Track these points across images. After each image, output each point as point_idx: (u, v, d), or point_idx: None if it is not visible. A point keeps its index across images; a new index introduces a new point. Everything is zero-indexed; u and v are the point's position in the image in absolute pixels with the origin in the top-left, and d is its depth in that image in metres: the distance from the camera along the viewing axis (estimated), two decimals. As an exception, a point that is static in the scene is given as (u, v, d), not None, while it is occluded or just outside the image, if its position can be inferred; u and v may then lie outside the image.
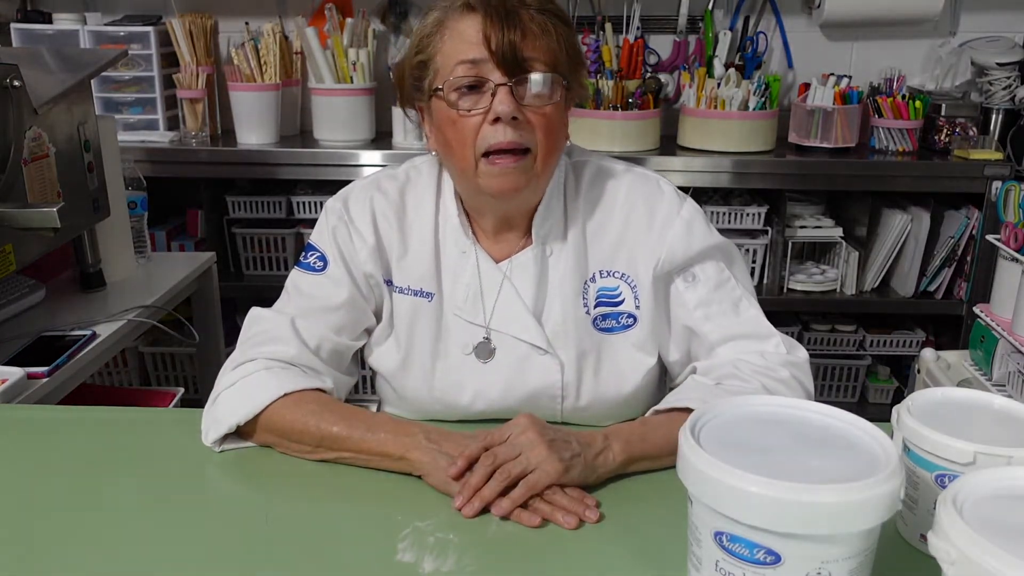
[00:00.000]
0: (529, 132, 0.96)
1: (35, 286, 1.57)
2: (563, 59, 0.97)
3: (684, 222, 1.05)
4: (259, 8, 2.48)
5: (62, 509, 0.87)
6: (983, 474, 0.64)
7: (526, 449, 0.86)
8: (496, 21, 0.93)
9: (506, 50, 0.93)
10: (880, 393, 2.47)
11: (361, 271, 1.07)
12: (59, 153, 1.47)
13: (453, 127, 0.97)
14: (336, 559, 0.78)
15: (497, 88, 0.94)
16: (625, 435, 0.91)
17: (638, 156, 2.16)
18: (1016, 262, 1.67)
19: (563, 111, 1.00)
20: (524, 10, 0.95)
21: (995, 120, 2.28)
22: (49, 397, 1.28)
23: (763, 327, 1.04)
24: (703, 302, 1.04)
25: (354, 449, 0.92)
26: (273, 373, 0.98)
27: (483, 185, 0.98)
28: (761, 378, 0.97)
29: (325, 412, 0.94)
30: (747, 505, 0.61)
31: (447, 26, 0.97)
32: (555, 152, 1.00)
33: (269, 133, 2.33)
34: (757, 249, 2.30)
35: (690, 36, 2.45)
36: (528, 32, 0.94)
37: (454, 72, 0.95)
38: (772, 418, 0.72)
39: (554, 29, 0.96)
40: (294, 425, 0.94)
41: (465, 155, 0.97)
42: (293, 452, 0.96)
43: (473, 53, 0.94)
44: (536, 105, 0.96)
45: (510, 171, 0.96)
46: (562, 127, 1.01)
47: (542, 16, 0.96)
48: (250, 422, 0.95)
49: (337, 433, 0.93)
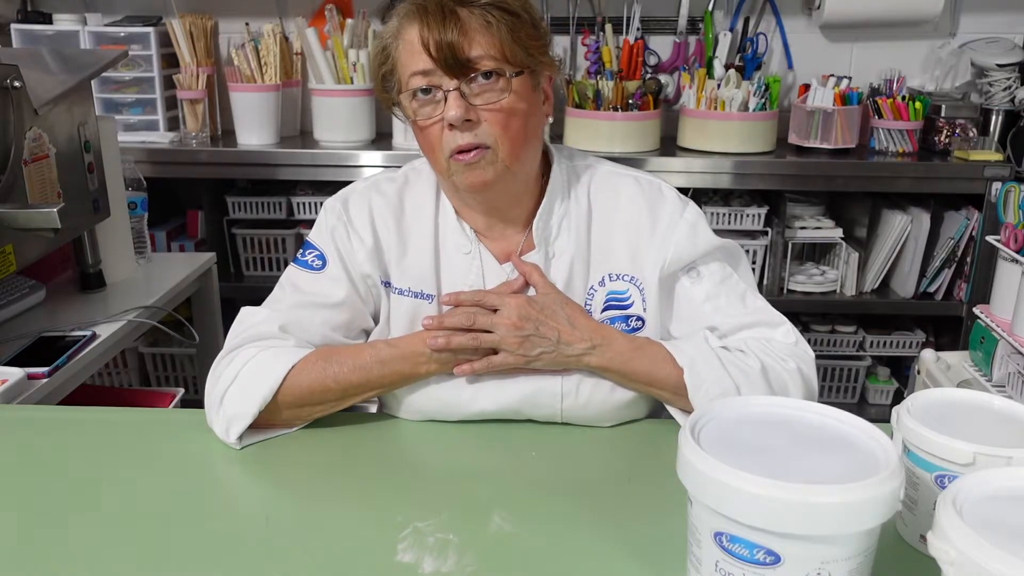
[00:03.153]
0: (486, 130, 0.97)
1: (35, 286, 1.57)
2: (514, 49, 0.96)
3: (689, 224, 1.06)
4: (259, 9, 2.48)
5: (62, 509, 0.87)
6: (983, 475, 0.64)
7: (502, 332, 0.98)
8: (433, 26, 0.94)
9: (447, 54, 0.94)
10: (880, 394, 2.47)
11: (359, 272, 1.07)
12: (59, 154, 1.47)
13: (422, 134, 1.00)
14: (336, 559, 0.78)
15: (446, 94, 0.95)
16: (613, 352, 1.00)
17: (638, 157, 2.16)
18: (1016, 263, 1.67)
19: (528, 96, 0.99)
20: (462, 8, 0.94)
21: (995, 121, 2.28)
22: (49, 397, 1.28)
23: (773, 315, 1.07)
24: (710, 296, 1.06)
25: (375, 386, 1.02)
26: (274, 351, 1.01)
27: (457, 183, 1.00)
28: (760, 361, 1.00)
29: (334, 365, 1.00)
30: (747, 505, 0.61)
31: (401, 36, 0.98)
32: (523, 140, 1.00)
33: (269, 134, 2.33)
34: (757, 250, 2.30)
35: (690, 37, 2.45)
36: (468, 30, 0.94)
37: (410, 84, 0.97)
38: (772, 418, 0.72)
39: (497, 20, 0.95)
40: (313, 387, 0.99)
41: (437, 159, 1.00)
42: (318, 413, 1.01)
43: (421, 63, 0.95)
44: (490, 101, 0.96)
45: (476, 165, 0.98)
46: (529, 114, 1.00)
47: (481, 10, 0.95)
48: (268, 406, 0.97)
49: (357, 381, 1.00)
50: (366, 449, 1.01)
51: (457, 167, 0.98)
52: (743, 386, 0.98)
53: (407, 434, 1.05)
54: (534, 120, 1.02)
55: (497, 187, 1.01)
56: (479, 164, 0.98)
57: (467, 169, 0.98)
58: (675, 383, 0.99)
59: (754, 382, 0.98)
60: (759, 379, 0.99)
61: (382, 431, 1.05)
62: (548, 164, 1.10)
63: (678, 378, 0.98)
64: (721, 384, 0.97)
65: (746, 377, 0.98)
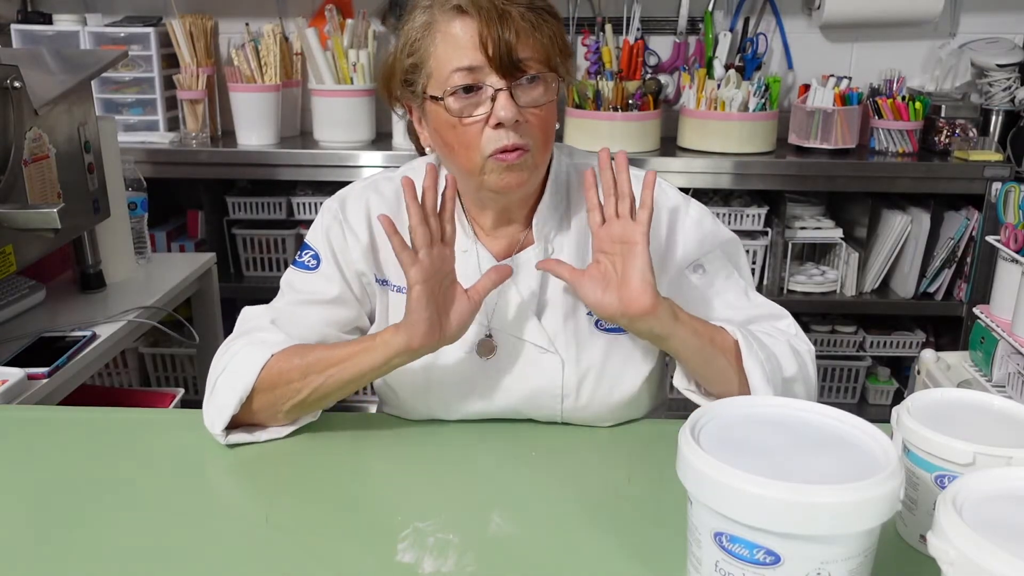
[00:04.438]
0: (528, 131, 0.96)
1: (35, 287, 1.57)
2: (555, 54, 0.97)
3: (694, 221, 1.07)
4: (259, 9, 2.48)
5: (62, 509, 0.87)
6: (983, 475, 0.64)
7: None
8: (491, 24, 0.92)
9: (503, 54, 0.93)
10: (880, 394, 2.47)
11: (353, 269, 1.08)
12: (59, 154, 1.47)
13: (454, 132, 0.97)
14: (336, 559, 0.78)
15: (497, 93, 0.94)
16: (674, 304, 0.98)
17: (638, 157, 2.16)
18: (1016, 263, 1.67)
19: (555, 101, 1.00)
20: (514, 8, 0.94)
21: (995, 121, 2.28)
22: (49, 398, 1.28)
23: (776, 308, 1.10)
24: (719, 291, 1.08)
25: (337, 361, 0.97)
26: (257, 346, 1.01)
27: (488, 182, 0.98)
28: (784, 337, 1.04)
29: (306, 350, 1.00)
30: (747, 505, 0.61)
31: (438, 29, 0.96)
32: (550, 144, 1.01)
33: (269, 134, 2.33)
34: (757, 250, 2.30)
35: (690, 37, 2.45)
36: (521, 31, 0.94)
37: (451, 80, 0.94)
38: (772, 418, 0.73)
39: (544, 25, 0.96)
40: (281, 371, 0.98)
41: (471, 157, 0.97)
42: (288, 399, 0.99)
43: (469, 59, 0.94)
44: (535, 105, 0.96)
45: (515, 167, 0.97)
46: (555, 119, 1.02)
47: (532, 13, 0.95)
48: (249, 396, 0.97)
49: (318, 355, 0.98)
50: (366, 449, 1.01)
51: (496, 167, 0.96)
52: (781, 357, 1.00)
53: (407, 434, 1.05)
54: (555, 126, 1.03)
55: (523, 190, 1.01)
56: (519, 166, 0.97)
57: (507, 170, 0.97)
58: (731, 345, 0.99)
59: (786, 353, 1.01)
60: (788, 351, 1.02)
61: (382, 431, 1.05)
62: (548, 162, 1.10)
63: (733, 343, 0.99)
64: (766, 351, 0.99)
65: (780, 348, 1.01)
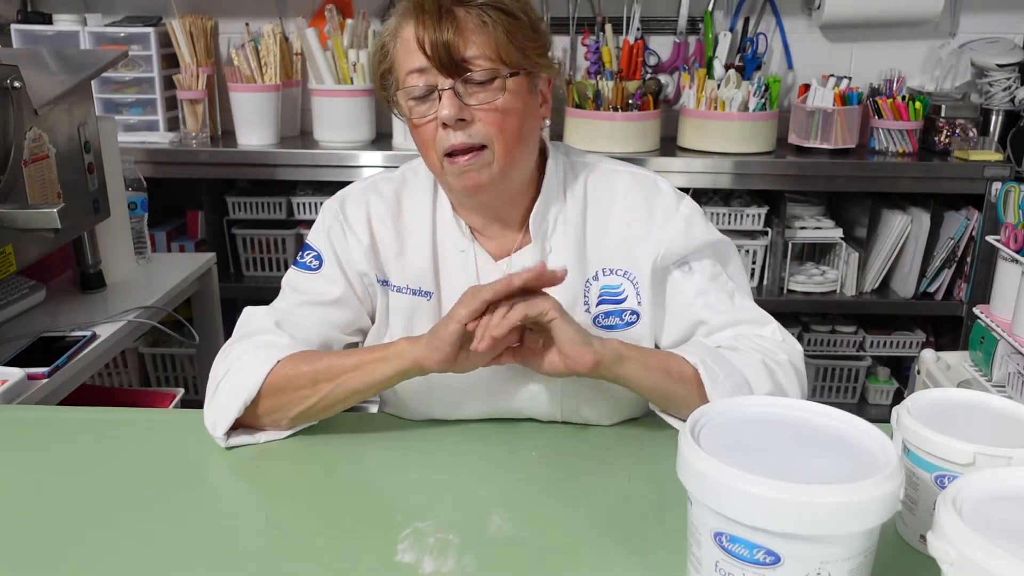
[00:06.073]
0: (482, 131, 0.96)
1: (35, 287, 1.57)
2: (510, 50, 0.96)
3: (684, 218, 1.06)
4: (259, 9, 2.48)
5: (62, 509, 0.87)
6: (983, 475, 0.64)
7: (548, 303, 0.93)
8: (428, 24, 0.94)
9: (442, 53, 0.94)
10: (880, 394, 2.47)
11: (355, 270, 1.08)
12: (59, 154, 1.47)
13: (416, 133, 1.00)
14: (336, 559, 0.78)
15: (440, 93, 0.95)
16: (618, 344, 0.97)
17: (638, 157, 2.16)
18: (1016, 263, 1.67)
19: (524, 97, 0.99)
20: (459, 7, 0.94)
21: (995, 121, 2.28)
22: (49, 398, 1.28)
23: (761, 314, 1.08)
24: (701, 291, 1.06)
25: (349, 368, 0.97)
26: (264, 349, 1.00)
27: (451, 184, 1.00)
28: (758, 354, 1.00)
29: (316, 356, 0.99)
30: (747, 505, 0.61)
31: (399, 34, 0.98)
32: (518, 142, 1.00)
33: (269, 134, 2.33)
34: (757, 250, 2.30)
35: (690, 37, 2.45)
36: (464, 29, 0.94)
37: (406, 82, 0.97)
38: (772, 418, 0.73)
39: (493, 20, 0.95)
40: (289, 376, 0.97)
41: (431, 158, 1.00)
42: (295, 405, 0.98)
43: (418, 61, 0.96)
44: (484, 101, 0.96)
45: (469, 168, 0.97)
46: (525, 115, 1.00)
47: (478, 10, 0.95)
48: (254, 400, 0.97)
49: (329, 362, 0.98)
50: (366, 449, 1.01)
51: (450, 169, 0.98)
52: (752, 379, 0.98)
53: (407, 434, 1.05)
54: (530, 122, 1.01)
55: (491, 190, 1.00)
56: (472, 167, 0.98)
57: (461, 172, 0.98)
58: (691, 374, 0.98)
59: (759, 373, 0.99)
60: (762, 370, 0.99)
61: (382, 431, 1.05)
62: (545, 163, 1.10)
63: (692, 372, 0.97)
64: (733, 379, 0.97)
65: (752, 370, 0.99)
